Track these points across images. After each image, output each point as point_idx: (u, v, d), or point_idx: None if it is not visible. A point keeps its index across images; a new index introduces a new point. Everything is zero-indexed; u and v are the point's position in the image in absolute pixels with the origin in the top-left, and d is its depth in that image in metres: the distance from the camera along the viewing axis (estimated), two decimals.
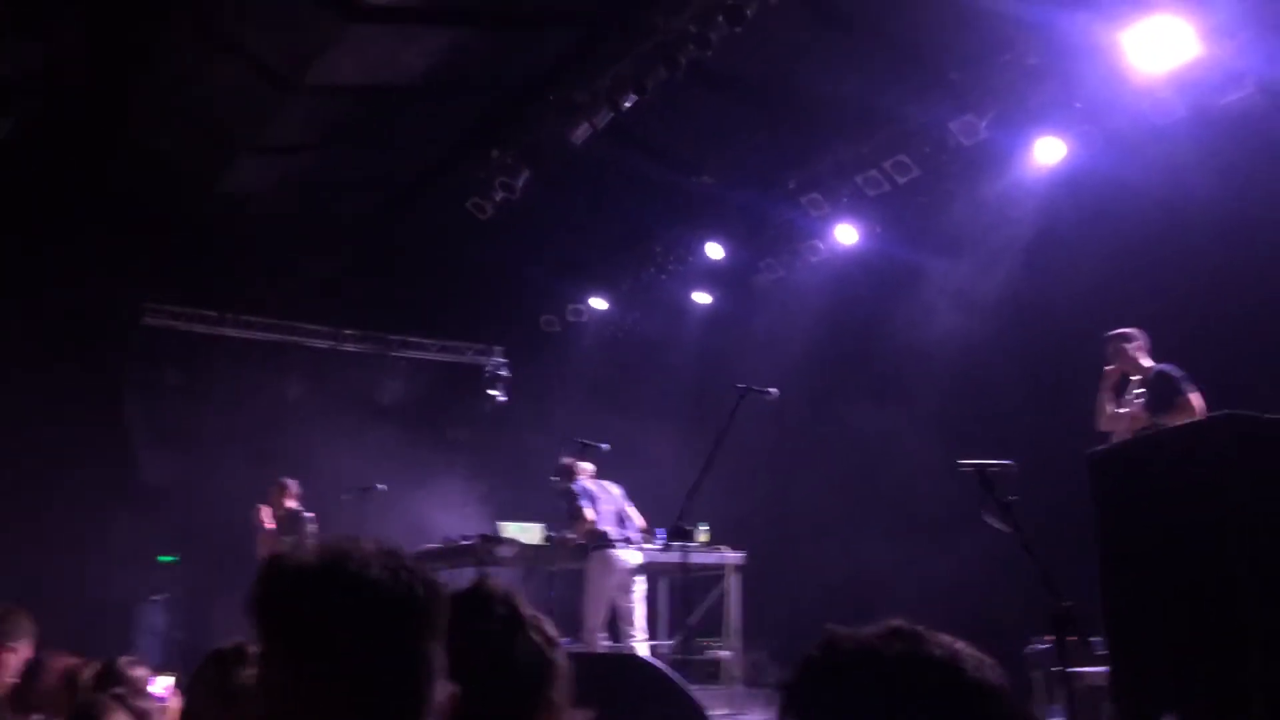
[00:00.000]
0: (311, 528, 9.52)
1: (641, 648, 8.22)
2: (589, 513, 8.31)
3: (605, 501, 8.50)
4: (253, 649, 3.78)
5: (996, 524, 4.44)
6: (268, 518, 9.43)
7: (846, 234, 10.78)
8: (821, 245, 11.12)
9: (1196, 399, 6.18)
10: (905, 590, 9.45)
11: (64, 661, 4.43)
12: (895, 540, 9.82)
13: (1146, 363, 6.61)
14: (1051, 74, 8.66)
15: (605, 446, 8.82)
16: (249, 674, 3.63)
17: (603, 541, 8.31)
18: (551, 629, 1.78)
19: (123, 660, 3.96)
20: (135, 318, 12.28)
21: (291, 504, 9.67)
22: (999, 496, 4.42)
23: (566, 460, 8.73)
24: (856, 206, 10.50)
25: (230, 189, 11.40)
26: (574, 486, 8.50)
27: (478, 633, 1.58)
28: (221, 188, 11.31)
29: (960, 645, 1.24)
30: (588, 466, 8.85)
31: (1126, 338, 6.65)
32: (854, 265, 10.94)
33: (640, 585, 8.40)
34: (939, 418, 9.54)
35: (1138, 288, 7.91)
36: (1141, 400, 6.47)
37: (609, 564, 8.25)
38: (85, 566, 10.82)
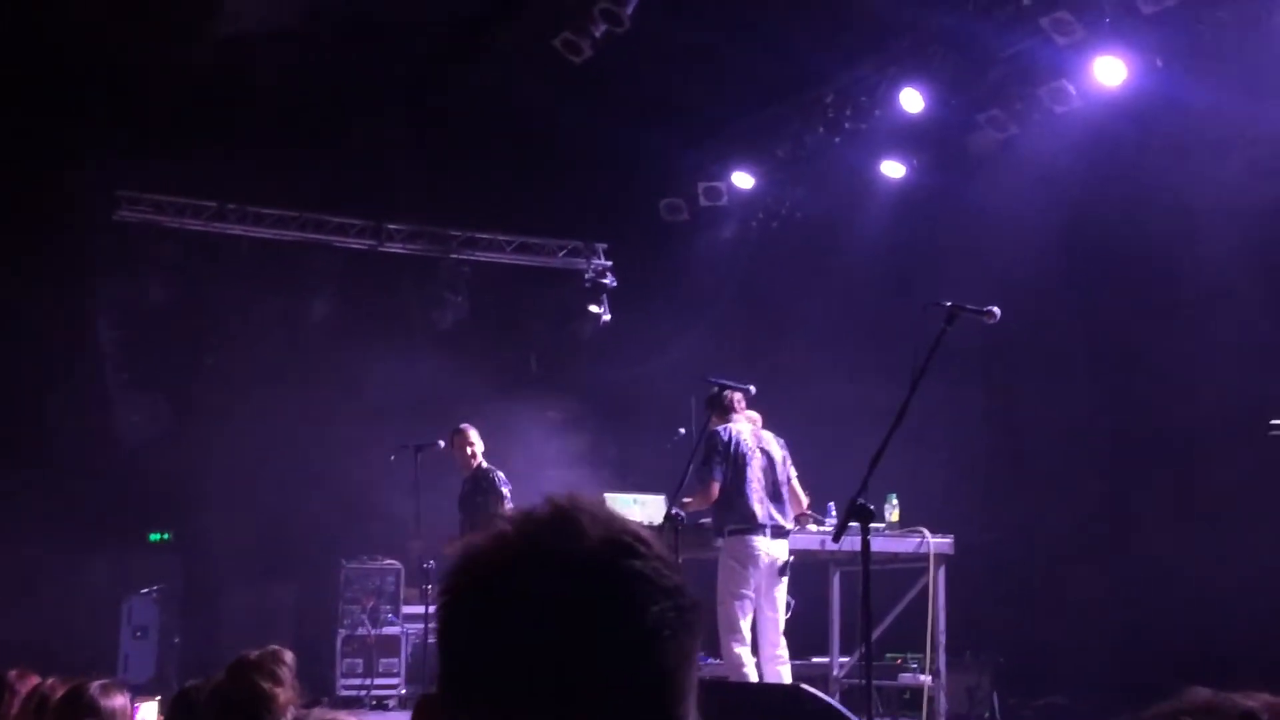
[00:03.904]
0: (506, 489, 10.15)
1: (785, 672, 8.39)
2: (715, 484, 8.38)
3: (759, 464, 8.54)
4: (288, 656, 3.99)
5: None
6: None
7: (1111, 70, 10.43)
8: (1072, 88, 10.79)
9: None
10: (1177, 596, 9.34)
11: (30, 682, 4.72)
12: (1172, 524, 9.64)
13: None
14: None
15: (750, 389, 8.79)
16: (284, 696, 3.81)
17: (742, 523, 8.37)
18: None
19: (95, 686, 4.19)
20: (106, 211, 12.75)
21: (478, 460, 10.33)
22: None
23: (723, 391, 8.69)
24: (1126, 28, 10.13)
25: (229, 32, 11.61)
26: (719, 432, 8.54)
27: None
28: (217, 31, 11.52)
29: None
30: (753, 416, 8.87)
31: None
32: (1122, 118, 10.59)
33: (783, 590, 8.49)
34: (1247, 350, 9.23)
35: None
36: None
37: (750, 556, 8.33)
38: (55, 548, 11.45)
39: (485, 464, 10.31)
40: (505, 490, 10.09)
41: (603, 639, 1.30)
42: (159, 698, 6.32)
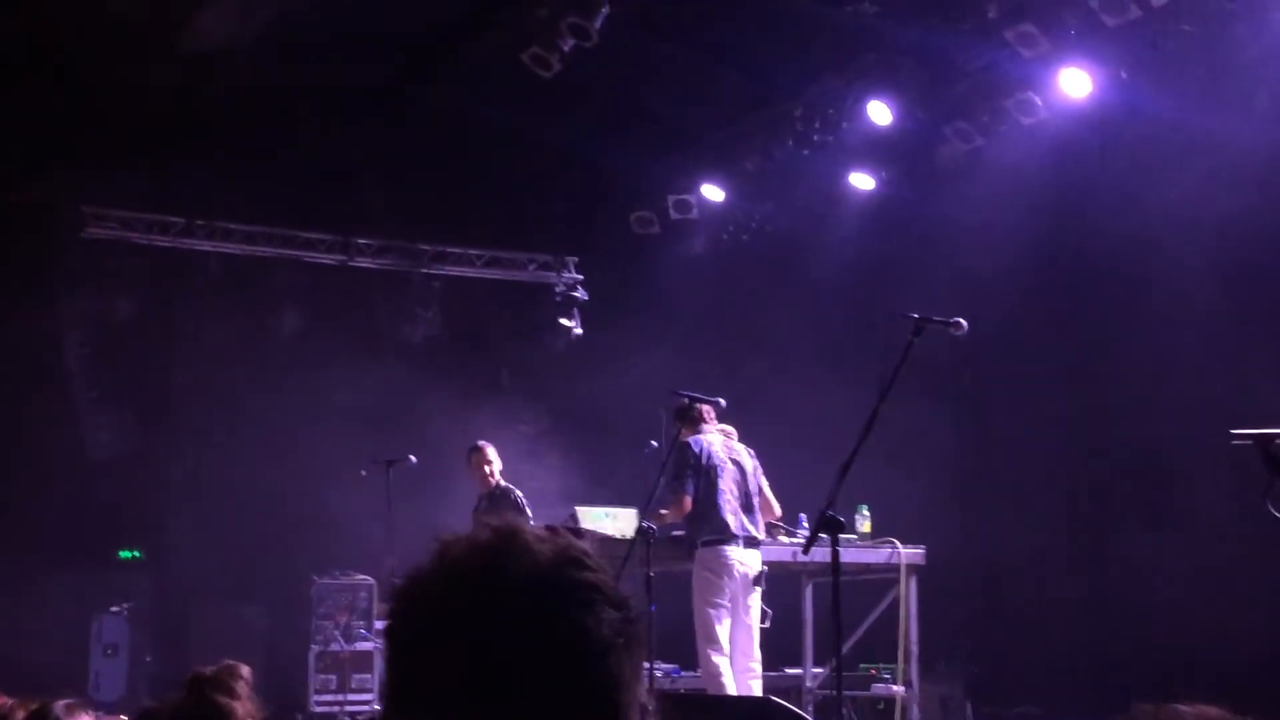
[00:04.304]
0: (528, 510, 10.01)
1: (756, 685, 8.37)
2: (687, 497, 8.38)
3: (731, 475, 8.55)
4: (245, 670, 3.96)
5: None
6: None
7: (1076, 82, 10.49)
8: (1038, 100, 10.85)
9: None
10: (1148, 604, 9.36)
11: None
12: (1143, 533, 9.67)
13: None
14: None
15: (720, 401, 8.80)
16: (243, 709, 3.78)
17: (715, 534, 8.37)
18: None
19: (59, 706, 4.15)
20: (74, 229, 12.67)
21: (495, 478, 10.22)
22: None
23: (692, 404, 8.68)
24: (1090, 41, 10.18)
25: (197, 48, 11.58)
26: (690, 444, 8.54)
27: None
28: (184, 49, 11.50)
29: None
30: (727, 429, 8.87)
31: None
32: (1088, 129, 10.66)
33: (757, 600, 8.49)
34: (1210, 359, 9.28)
35: None
36: None
37: (724, 566, 8.33)
38: (23, 566, 11.36)
39: (503, 482, 10.23)
40: (528, 510, 10.00)
41: (561, 648, 1.31)
42: (123, 717, 6.28)
